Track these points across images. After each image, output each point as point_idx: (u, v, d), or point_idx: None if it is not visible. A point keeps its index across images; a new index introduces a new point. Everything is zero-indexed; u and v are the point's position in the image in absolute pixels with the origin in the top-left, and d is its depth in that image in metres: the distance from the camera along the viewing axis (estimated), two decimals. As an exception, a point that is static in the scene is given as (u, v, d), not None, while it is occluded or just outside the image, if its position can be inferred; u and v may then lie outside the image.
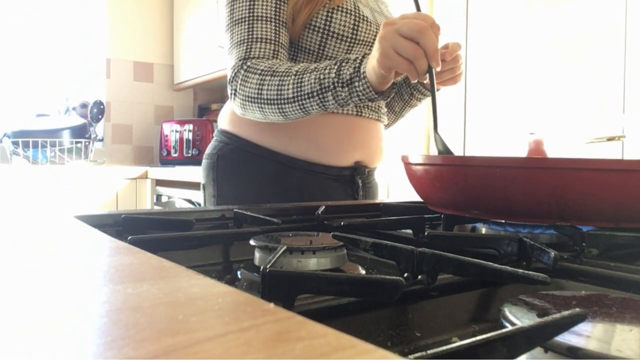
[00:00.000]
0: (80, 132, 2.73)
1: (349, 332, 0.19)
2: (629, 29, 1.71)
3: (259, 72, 0.90)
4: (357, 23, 0.98)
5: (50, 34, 3.02)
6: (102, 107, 2.85)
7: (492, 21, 2.10)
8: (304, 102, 0.86)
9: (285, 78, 0.87)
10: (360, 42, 0.99)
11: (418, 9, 0.94)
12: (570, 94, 1.84)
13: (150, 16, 3.25)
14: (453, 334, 0.39)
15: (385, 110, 1.16)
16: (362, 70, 0.79)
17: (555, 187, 0.53)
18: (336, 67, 0.83)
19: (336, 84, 0.82)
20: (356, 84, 0.80)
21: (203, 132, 2.84)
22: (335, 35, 0.97)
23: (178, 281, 0.26)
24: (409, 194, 1.13)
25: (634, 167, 0.53)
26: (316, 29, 0.97)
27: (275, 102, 0.88)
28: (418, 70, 0.73)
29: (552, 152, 0.98)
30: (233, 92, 0.94)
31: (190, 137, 2.86)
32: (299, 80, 0.86)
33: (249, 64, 0.92)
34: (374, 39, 0.99)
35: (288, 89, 0.87)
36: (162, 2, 3.28)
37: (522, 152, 0.98)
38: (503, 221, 0.62)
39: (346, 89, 0.82)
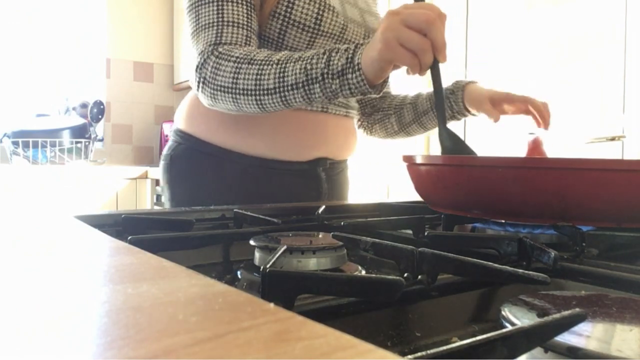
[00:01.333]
0: (80, 132, 2.73)
1: (349, 332, 0.19)
2: (629, 29, 1.71)
3: (233, 59, 0.82)
4: (321, 12, 0.90)
5: (50, 34, 3.02)
6: (102, 107, 2.85)
7: (492, 21, 2.10)
8: (286, 93, 0.79)
9: (265, 67, 0.79)
10: (324, 34, 0.92)
11: None
12: (570, 94, 1.84)
13: (150, 16, 3.25)
14: (453, 334, 0.39)
15: (356, 105, 1.09)
16: (356, 61, 0.73)
17: (558, 188, 0.53)
18: (325, 56, 0.76)
19: (325, 75, 0.75)
20: (349, 75, 0.74)
21: (203, 132, 2.84)
22: (296, 24, 0.90)
23: (178, 281, 0.26)
24: (409, 194, 1.13)
25: (635, 167, 0.53)
26: (277, 15, 0.90)
27: (253, 92, 0.81)
28: (422, 64, 0.69)
29: (552, 152, 0.98)
30: (201, 80, 0.85)
31: (190, 137, 2.86)
32: (282, 69, 0.78)
33: (220, 50, 0.84)
34: (341, 32, 0.93)
35: (269, 79, 0.79)
36: (162, 2, 3.28)
37: (522, 152, 0.98)
38: (503, 221, 0.62)
39: (337, 80, 0.75)
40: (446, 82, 1.26)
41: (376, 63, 0.71)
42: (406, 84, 1.31)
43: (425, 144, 2.24)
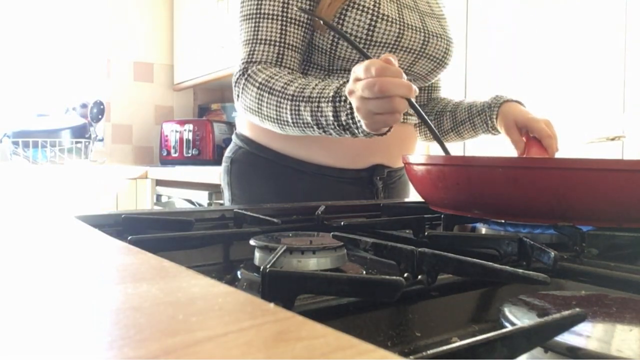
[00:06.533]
0: (80, 132, 2.73)
1: (349, 332, 0.19)
2: (629, 28, 1.71)
3: (257, 85, 0.87)
4: (373, 23, 0.89)
5: (50, 34, 3.01)
6: (102, 107, 2.85)
7: (492, 21, 2.10)
8: (304, 128, 0.84)
9: (283, 101, 0.84)
10: (377, 44, 0.91)
11: (366, 57, 0.77)
12: (571, 93, 1.84)
13: (150, 16, 3.25)
14: (453, 334, 0.39)
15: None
16: (357, 118, 0.75)
17: (558, 188, 0.53)
18: (332, 105, 0.78)
19: (334, 126, 0.79)
20: (355, 131, 0.77)
21: (203, 132, 2.84)
22: (348, 35, 0.89)
23: (178, 281, 0.26)
24: (408, 194, 1.13)
25: (635, 167, 0.53)
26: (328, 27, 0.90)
27: (276, 121, 0.86)
28: (401, 112, 0.72)
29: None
30: (236, 94, 0.93)
31: (190, 137, 2.86)
32: (296, 108, 0.82)
33: (249, 72, 0.90)
34: (396, 40, 0.92)
35: (286, 114, 0.84)
36: (162, 2, 3.27)
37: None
38: (503, 221, 0.62)
39: (347, 132, 0.79)
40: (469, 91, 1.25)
41: (373, 130, 0.74)
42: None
43: (426, 144, 2.24)
